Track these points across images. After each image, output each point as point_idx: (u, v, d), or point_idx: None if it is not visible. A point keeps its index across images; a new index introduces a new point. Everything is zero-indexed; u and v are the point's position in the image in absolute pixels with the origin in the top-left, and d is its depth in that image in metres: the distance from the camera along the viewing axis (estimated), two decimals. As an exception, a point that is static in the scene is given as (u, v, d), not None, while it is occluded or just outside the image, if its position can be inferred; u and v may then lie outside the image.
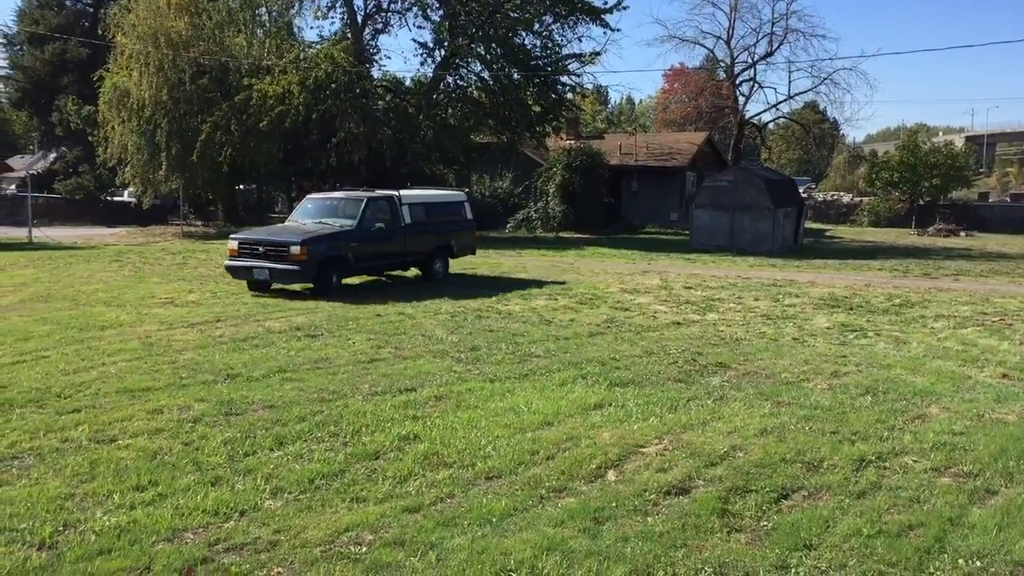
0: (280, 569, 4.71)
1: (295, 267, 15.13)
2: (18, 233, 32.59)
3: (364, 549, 4.93)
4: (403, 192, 18.16)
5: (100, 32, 35.92)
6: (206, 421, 7.44)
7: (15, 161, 66.02)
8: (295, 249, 15.08)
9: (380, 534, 5.13)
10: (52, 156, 55.66)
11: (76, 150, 48.46)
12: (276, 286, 15.99)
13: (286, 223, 17.86)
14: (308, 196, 18.36)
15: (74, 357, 10.05)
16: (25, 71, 52.53)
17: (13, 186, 58.84)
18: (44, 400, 8.12)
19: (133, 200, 40.83)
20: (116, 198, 48.92)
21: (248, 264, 15.68)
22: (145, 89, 31.86)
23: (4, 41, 56.96)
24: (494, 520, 5.31)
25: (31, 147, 66.39)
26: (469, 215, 19.63)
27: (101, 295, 15.53)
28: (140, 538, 5.05)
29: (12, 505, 5.51)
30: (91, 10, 50.70)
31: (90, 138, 40.30)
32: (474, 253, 20.60)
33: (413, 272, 19.02)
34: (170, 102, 32.12)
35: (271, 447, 6.70)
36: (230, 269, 16.14)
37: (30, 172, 41.68)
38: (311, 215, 17.19)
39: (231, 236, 16.37)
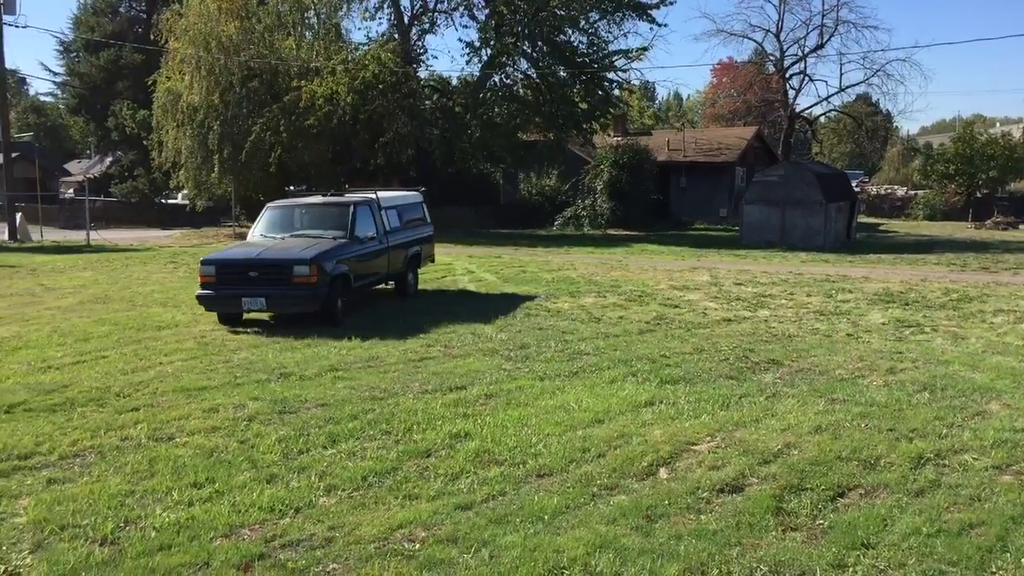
0: (335, 565, 4.76)
1: (302, 291, 12.16)
2: (77, 236, 33.38)
3: (417, 546, 4.96)
4: (380, 194, 15.43)
5: (153, 37, 36.59)
6: (261, 419, 7.55)
7: (73, 166, 67.83)
8: (303, 269, 12.14)
9: (433, 531, 5.16)
10: (108, 160, 57.01)
11: (131, 154, 49.50)
12: (251, 315, 12.89)
13: (251, 239, 14.13)
14: (269, 205, 14.79)
15: (132, 357, 10.27)
16: (81, 77, 53.84)
17: (71, 190, 60.23)
18: (104, 399, 8.31)
19: (187, 203, 41.55)
20: (170, 201, 49.84)
21: (234, 292, 12.24)
22: (197, 93, 32.39)
23: (61, 48, 58.45)
24: (546, 517, 5.31)
25: (88, 152, 68.06)
26: (428, 218, 17.10)
27: (157, 296, 15.83)
28: (199, 534, 5.14)
29: (75, 502, 5.64)
30: (144, 16, 51.75)
31: (145, 142, 41.07)
32: (433, 261, 17.88)
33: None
34: (221, 105, 32.60)
35: (324, 445, 6.78)
36: (206, 300, 12.55)
37: (87, 176, 42.71)
38: (280, 227, 14.09)
39: (204, 260, 12.82)
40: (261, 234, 14.03)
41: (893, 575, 4.55)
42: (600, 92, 35.20)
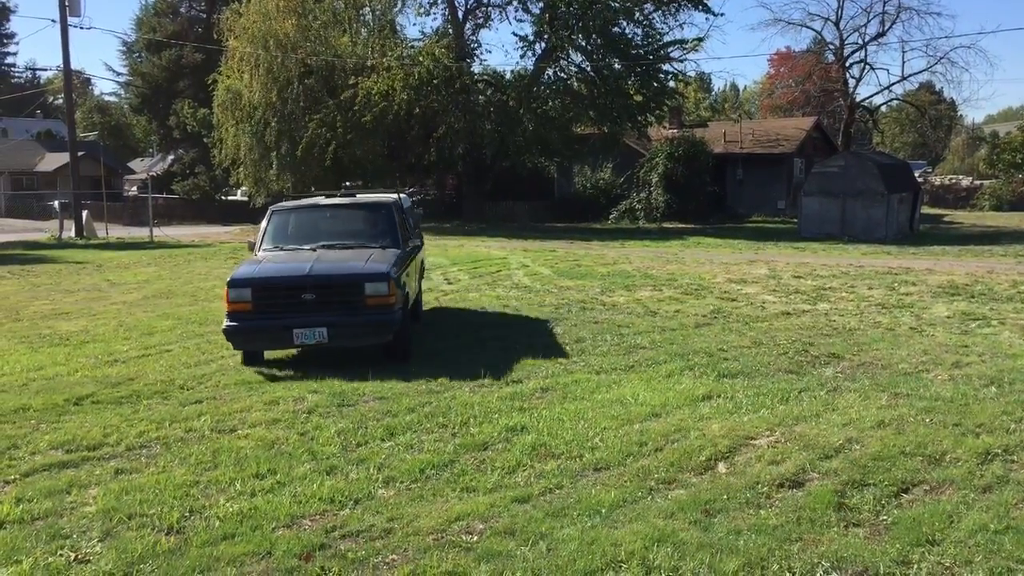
0: (394, 556, 4.81)
1: (377, 316, 9.27)
2: (140, 232, 34.15)
3: (475, 538, 4.99)
4: (379, 196, 12.45)
5: (214, 36, 37.27)
6: (320, 412, 7.65)
7: (136, 164, 69.41)
8: (379, 287, 9.23)
9: (490, 523, 5.18)
10: (170, 158, 58.23)
11: (192, 152, 50.52)
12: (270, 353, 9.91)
13: (268, 253, 10.60)
14: (274, 208, 11.49)
15: (195, 351, 10.48)
16: (144, 77, 55.04)
17: (135, 188, 61.68)
18: (168, 392, 8.50)
19: (246, 199, 42.25)
20: (230, 197, 50.72)
21: (281, 322, 9.20)
22: (256, 90, 32.94)
23: (124, 49, 59.81)
24: (603, 511, 5.30)
25: (151, 150, 69.55)
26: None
27: (218, 291, 16.10)
28: (261, 524, 5.23)
29: (142, 492, 5.78)
30: (204, 16, 52.66)
31: (205, 140, 41.90)
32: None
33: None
34: (279, 102, 33.10)
35: (382, 437, 6.84)
36: (238, 335, 9.31)
37: (150, 174, 43.67)
38: (298, 236, 10.90)
39: (234, 279, 9.38)
40: (275, 246, 10.67)
41: (959, 573, 4.45)
42: (655, 84, 34.90)
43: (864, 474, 5.78)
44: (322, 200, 12.02)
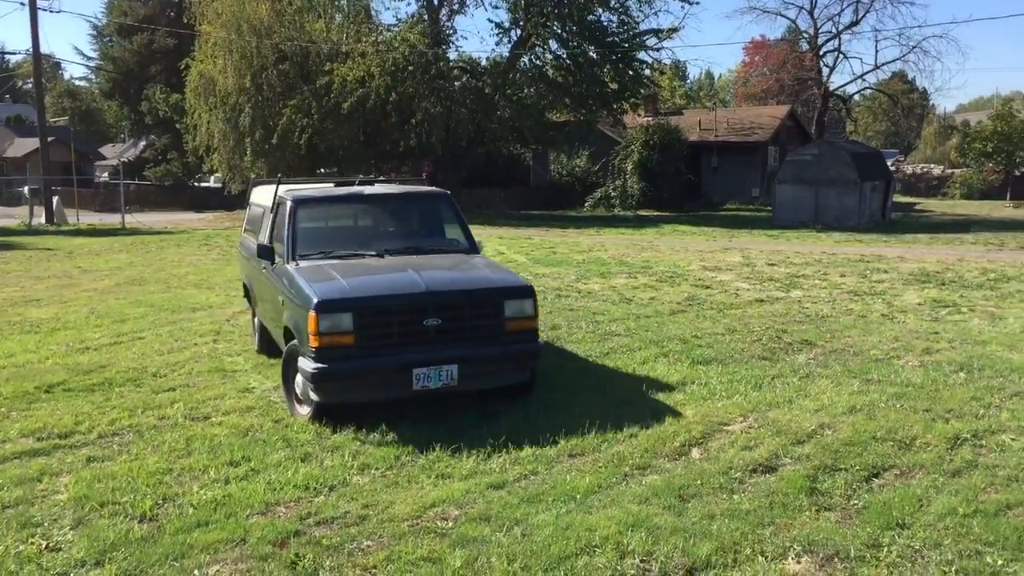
0: (369, 542, 4.81)
1: (522, 344, 7.15)
2: (112, 219, 33.79)
3: (451, 524, 5.00)
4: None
5: (186, 21, 36.83)
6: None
7: (107, 149, 68.60)
8: (524, 305, 7.18)
9: (466, 510, 5.19)
10: (142, 144, 57.55)
11: (165, 138, 49.95)
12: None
13: (316, 263, 7.59)
14: (296, 198, 8.19)
15: (168, 338, 10.40)
16: (115, 61, 54.28)
17: (106, 174, 61.00)
18: (141, 379, 8.43)
19: (219, 186, 41.92)
20: (203, 184, 50.27)
21: (400, 359, 6.67)
22: (229, 76, 32.57)
23: (95, 33, 58.99)
24: (578, 497, 5.33)
25: (122, 136, 68.78)
26: None
27: (191, 278, 16.00)
28: (235, 511, 5.21)
29: (114, 479, 5.74)
30: (176, 0, 52.01)
31: (178, 126, 41.44)
32: None
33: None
34: (253, 88, 32.77)
35: (357, 425, 6.82)
36: (339, 380, 6.67)
37: (122, 160, 43.20)
38: (345, 240, 8.39)
39: (324, 300, 6.57)
40: (319, 251, 7.84)
41: (929, 555, 4.51)
42: (630, 72, 34.91)
43: (836, 459, 5.84)
44: (365, 189, 9.09)
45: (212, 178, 47.47)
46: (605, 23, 34.47)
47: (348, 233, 8.63)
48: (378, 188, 9.27)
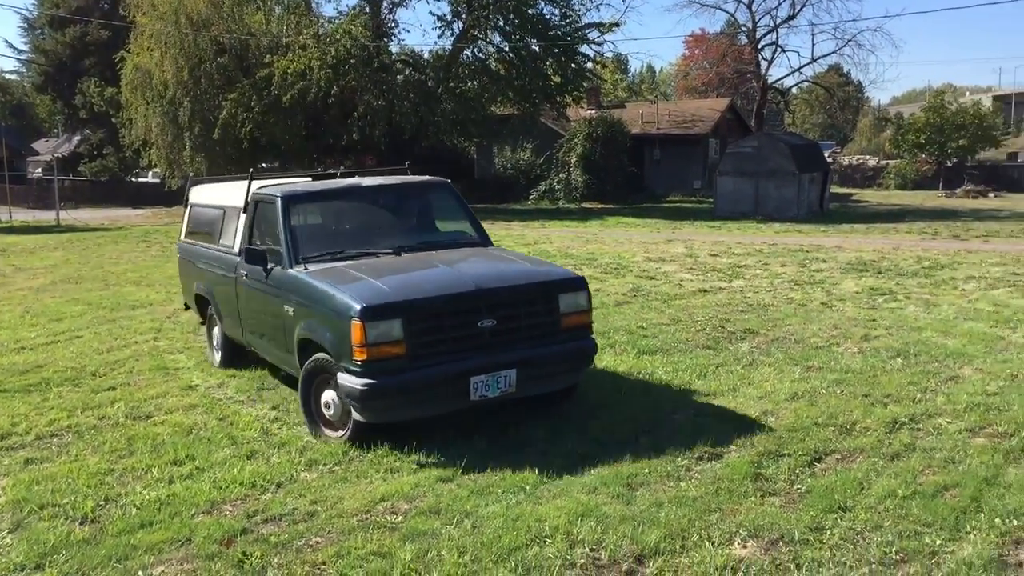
0: (318, 539, 4.77)
1: (578, 341, 6.68)
2: (46, 216, 32.96)
3: (400, 518, 4.98)
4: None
5: (121, 13, 35.99)
6: (238, 397, 7.52)
7: (40, 145, 66.81)
8: (579, 299, 6.69)
9: (415, 503, 5.18)
10: (76, 139, 56.14)
11: (100, 132, 48.81)
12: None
13: (330, 266, 6.79)
14: (286, 195, 7.31)
15: (107, 336, 10.19)
16: (47, 54, 52.83)
17: (39, 170, 59.37)
18: (80, 379, 8.25)
19: (158, 181, 41.11)
20: (141, 179, 49.26)
21: (458, 367, 6.06)
22: (167, 69, 31.94)
23: (25, 25, 57.34)
24: (527, 488, 5.34)
25: (55, 130, 67.03)
26: None
27: (130, 275, 15.68)
28: (180, 511, 5.13)
29: (54, 481, 5.62)
30: (111, -9, 50.81)
31: (114, 120, 40.51)
32: None
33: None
34: (191, 82, 32.18)
35: (303, 422, 6.75)
36: (391, 396, 5.95)
37: (55, 155, 42.07)
38: (353, 239, 7.59)
39: (369, 306, 5.79)
40: (326, 253, 7.02)
41: (870, 537, 4.61)
42: (573, 65, 35.05)
43: (779, 445, 5.94)
44: (363, 181, 8.36)
45: (150, 173, 46.54)
46: (547, 16, 34.57)
47: (351, 230, 7.83)
48: (376, 180, 8.55)
